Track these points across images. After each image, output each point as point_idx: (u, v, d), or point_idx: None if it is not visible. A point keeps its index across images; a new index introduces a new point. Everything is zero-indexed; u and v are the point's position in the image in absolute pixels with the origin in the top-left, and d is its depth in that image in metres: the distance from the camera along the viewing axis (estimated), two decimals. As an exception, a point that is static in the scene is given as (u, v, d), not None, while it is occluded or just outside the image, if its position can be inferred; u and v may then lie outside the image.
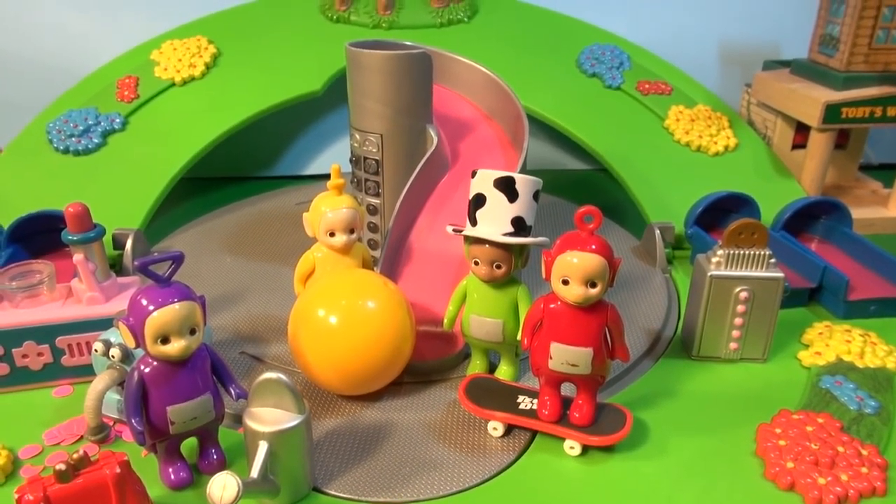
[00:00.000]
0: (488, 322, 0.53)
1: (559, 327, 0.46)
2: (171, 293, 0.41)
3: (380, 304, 0.51)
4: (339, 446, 0.49)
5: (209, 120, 0.83)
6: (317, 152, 1.03)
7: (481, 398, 0.51)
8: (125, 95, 0.84)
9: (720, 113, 0.89)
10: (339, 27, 0.92)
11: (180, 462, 0.45)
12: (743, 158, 0.86)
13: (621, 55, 0.93)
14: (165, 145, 0.81)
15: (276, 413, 0.42)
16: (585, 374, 0.46)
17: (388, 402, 0.54)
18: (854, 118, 0.80)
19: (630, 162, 0.83)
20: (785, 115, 0.87)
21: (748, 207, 0.76)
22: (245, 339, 0.61)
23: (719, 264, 0.56)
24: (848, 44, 0.79)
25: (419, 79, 0.63)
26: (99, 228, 0.55)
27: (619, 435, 0.47)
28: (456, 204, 0.65)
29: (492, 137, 0.72)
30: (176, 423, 0.42)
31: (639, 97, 0.89)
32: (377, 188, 0.66)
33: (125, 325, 0.40)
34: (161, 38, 0.91)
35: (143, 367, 0.41)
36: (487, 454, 0.48)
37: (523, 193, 0.50)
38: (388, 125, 0.64)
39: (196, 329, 0.41)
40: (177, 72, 0.86)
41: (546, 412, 0.48)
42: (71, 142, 0.79)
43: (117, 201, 0.76)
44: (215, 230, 0.83)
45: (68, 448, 0.48)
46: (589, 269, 0.43)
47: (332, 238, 0.56)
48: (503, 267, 0.51)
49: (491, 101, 0.74)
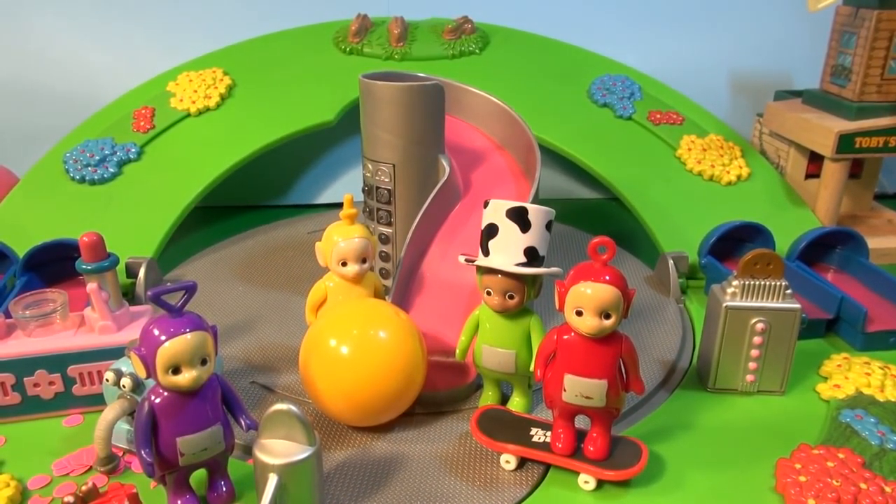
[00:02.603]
0: (501, 353, 0.52)
1: (573, 359, 0.45)
2: (183, 323, 0.40)
3: (391, 334, 0.51)
4: (349, 479, 0.48)
5: (223, 150, 0.84)
6: (329, 181, 1.03)
7: (494, 430, 0.50)
8: (141, 126, 0.85)
9: (732, 142, 0.89)
10: (353, 59, 0.94)
11: (189, 494, 0.44)
12: (756, 188, 0.85)
13: (632, 85, 0.93)
14: (180, 175, 0.82)
15: (287, 445, 0.42)
16: (600, 406, 0.46)
17: (399, 433, 0.53)
18: (868, 148, 0.79)
19: (642, 191, 0.83)
20: (798, 145, 0.87)
21: (762, 237, 0.75)
22: (256, 369, 0.61)
23: (735, 295, 0.56)
24: (860, 74, 0.79)
25: (431, 109, 0.63)
26: (113, 258, 0.55)
27: (634, 469, 0.46)
28: (468, 233, 0.64)
29: (504, 167, 0.72)
30: (185, 454, 0.42)
31: (650, 127, 0.90)
32: (389, 217, 0.66)
33: (136, 355, 0.40)
34: (177, 70, 0.92)
35: (154, 398, 0.41)
36: (500, 488, 0.47)
37: (536, 223, 0.50)
38: (401, 155, 0.64)
39: (207, 359, 0.41)
40: (192, 102, 0.87)
41: (560, 445, 0.48)
42: (87, 171, 0.80)
43: (131, 230, 0.76)
44: (228, 259, 0.83)
45: (77, 479, 0.47)
46: (603, 301, 0.43)
47: (344, 267, 0.56)
48: (516, 297, 0.50)
49: (503, 131, 0.74)
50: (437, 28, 0.96)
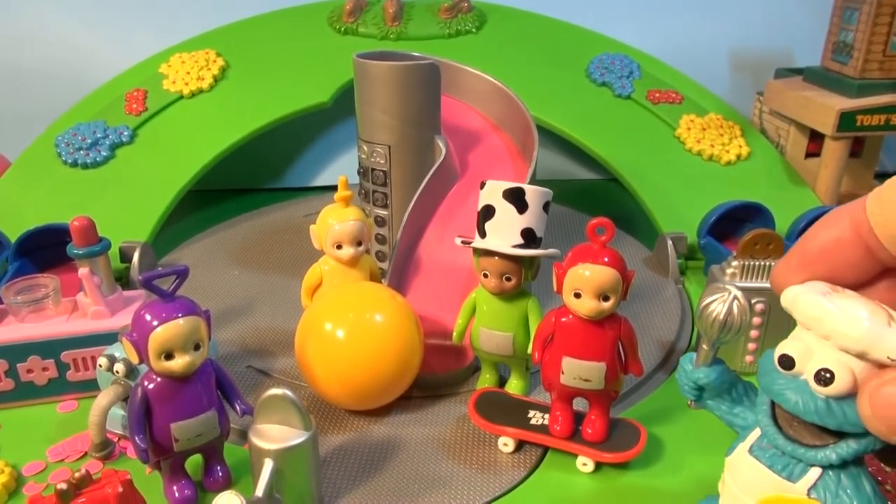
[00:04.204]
0: (498, 335, 0.52)
1: (571, 341, 0.45)
2: (176, 308, 0.40)
3: (388, 317, 0.51)
4: (346, 463, 0.48)
5: (217, 132, 0.83)
6: (325, 164, 1.02)
7: (491, 413, 0.50)
8: (133, 108, 0.84)
9: (732, 121, 0.88)
10: (347, 39, 0.92)
11: (185, 479, 0.44)
12: (756, 167, 0.85)
13: (631, 64, 0.92)
14: (173, 158, 0.81)
15: (282, 430, 0.41)
16: (598, 388, 0.45)
17: (396, 416, 0.53)
18: (869, 126, 0.78)
19: (641, 171, 0.82)
20: (798, 124, 0.86)
21: (762, 217, 0.74)
22: (252, 353, 0.61)
23: (734, 275, 0.55)
24: (862, 51, 0.78)
25: (427, 89, 0.62)
26: (104, 242, 0.54)
27: (633, 451, 0.46)
28: (465, 215, 0.64)
29: (501, 148, 0.71)
30: (180, 439, 0.42)
31: (649, 106, 0.89)
32: (385, 200, 0.66)
33: (128, 340, 0.40)
34: (169, 52, 0.91)
35: (147, 384, 0.41)
36: (498, 471, 0.47)
37: (533, 204, 0.49)
38: (396, 136, 0.63)
39: (200, 344, 0.41)
40: (185, 84, 0.86)
41: (558, 428, 0.47)
42: (79, 155, 0.79)
43: (125, 214, 0.76)
44: (223, 242, 0.82)
45: (72, 465, 0.47)
46: (602, 283, 0.43)
47: (340, 251, 0.55)
48: (513, 279, 0.50)
49: (499, 111, 0.73)
50: (433, 7, 0.95)
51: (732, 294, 0.35)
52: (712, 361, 0.37)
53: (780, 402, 0.33)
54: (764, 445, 0.36)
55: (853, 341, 0.30)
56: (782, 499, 0.34)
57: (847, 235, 0.33)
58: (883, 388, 0.30)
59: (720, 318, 0.35)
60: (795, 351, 0.33)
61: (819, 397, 0.32)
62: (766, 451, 0.35)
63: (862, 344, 0.30)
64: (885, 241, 0.32)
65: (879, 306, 0.32)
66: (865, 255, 0.33)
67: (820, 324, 0.32)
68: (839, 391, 0.31)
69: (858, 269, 0.33)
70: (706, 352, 0.37)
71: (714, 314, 0.35)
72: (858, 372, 0.31)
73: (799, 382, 0.33)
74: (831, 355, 0.32)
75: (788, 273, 0.34)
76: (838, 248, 0.33)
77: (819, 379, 0.32)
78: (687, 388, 0.38)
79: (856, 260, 0.33)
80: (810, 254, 0.34)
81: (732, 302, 0.35)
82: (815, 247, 0.34)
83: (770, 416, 0.35)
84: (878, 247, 0.32)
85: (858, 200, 0.33)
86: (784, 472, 0.34)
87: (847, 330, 0.31)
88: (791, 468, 0.34)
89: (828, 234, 0.34)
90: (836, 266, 0.33)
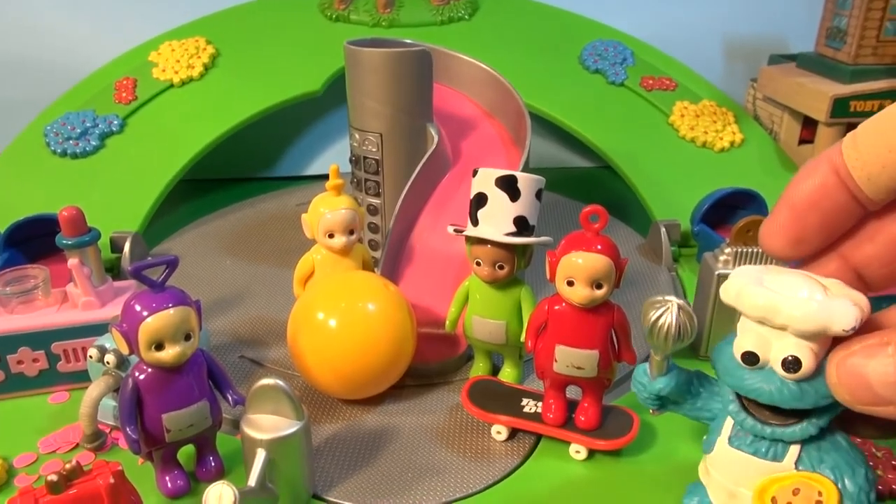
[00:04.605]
0: (491, 323, 0.51)
1: (564, 329, 0.45)
2: (166, 298, 0.40)
3: (380, 306, 0.50)
4: (339, 452, 0.48)
5: (208, 121, 0.82)
6: (317, 152, 1.02)
7: (485, 401, 0.49)
8: (123, 97, 0.83)
9: (725, 108, 0.88)
10: (339, 26, 0.91)
11: (177, 470, 0.44)
12: (749, 154, 0.84)
13: (625, 51, 0.92)
14: (164, 147, 0.80)
15: (274, 420, 0.41)
16: (591, 376, 0.45)
17: (389, 405, 0.53)
18: (862, 112, 0.78)
19: (634, 159, 0.82)
20: (792, 110, 0.85)
21: (755, 204, 0.74)
22: (244, 343, 0.60)
23: (727, 262, 0.55)
24: (856, 36, 0.78)
25: (419, 77, 0.62)
26: (94, 232, 0.54)
27: (626, 439, 0.46)
28: (458, 203, 0.63)
29: (493, 135, 0.70)
30: (172, 430, 0.41)
31: (643, 93, 0.88)
32: (377, 188, 0.65)
33: (118, 331, 0.39)
34: (159, 39, 0.90)
35: (138, 374, 0.40)
36: (491, 459, 0.47)
37: (525, 192, 0.49)
38: (388, 124, 0.63)
39: (191, 334, 0.40)
40: (175, 73, 0.85)
41: (551, 416, 0.47)
42: (69, 144, 0.78)
43: (116, 204, 0.75)
44: (215, 232, 0.82)
45: (64, 456, 0.47)
46: (595, 270, 0.42)
47: (332, 240, 0.55)
48: (506, 267, 0.50)
49: (492, 98, 0.73)
50: (426, -7, 0.94)
51: (676, 303, 0.35)
52: (667, 369, 0.38)
53: (755, 397, 0.34)
54: (741, 434, 0.36)
55: (810, 324, 0.31)
56: (774, 479, 0.35)
57: (830, 179, 0.32)
58: (849, 359, 0.31)
59: (672, 331, 0.35)
60: (754, 345, 0.33)
61: (790, 383, 0.33)
62: (746, 440, 0.36)
63: (818, 325, 0.31)
64: (861, 182, 0.32)
65: (811, 278, 0.33)
66: (850, 198, 0.32)
67: (775, 314, 0.32)
68: (808, 373, 0.32)
69: (848, 213, 0.33)
70: (659, 362, 0.38)
71: (665, 327, 0.35)
72: (817, 349, 0.32)
73: (766, 373, 0.33)
74: (789, 341, 0.32)
75: (779, 231, 0.34)
76: (825, 194, 0.33)
77: (787, 367, 0.32)
78: (648, 401, 0.39)
79: (843, 203, 0.33)
80: (799, 205, 0.33)
81: (678, 311, 0.35)
82: (802, 196, 0.33)
83: (740, 407, 0.36)
84: (857, 189, 0.32)
85: (834, 146, 0.33)
86: (769, 455, 0.35)
87: (802, 315, 0.31)
88: (774, 449, 0.35)
89: (811, 182, 0.33)
90: (827, 212, 0.33)
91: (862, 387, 0.30)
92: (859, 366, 0.30)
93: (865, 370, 0.30)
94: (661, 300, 0.36)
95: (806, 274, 0.33)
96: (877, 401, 0.30)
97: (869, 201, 0.32)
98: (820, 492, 0.34)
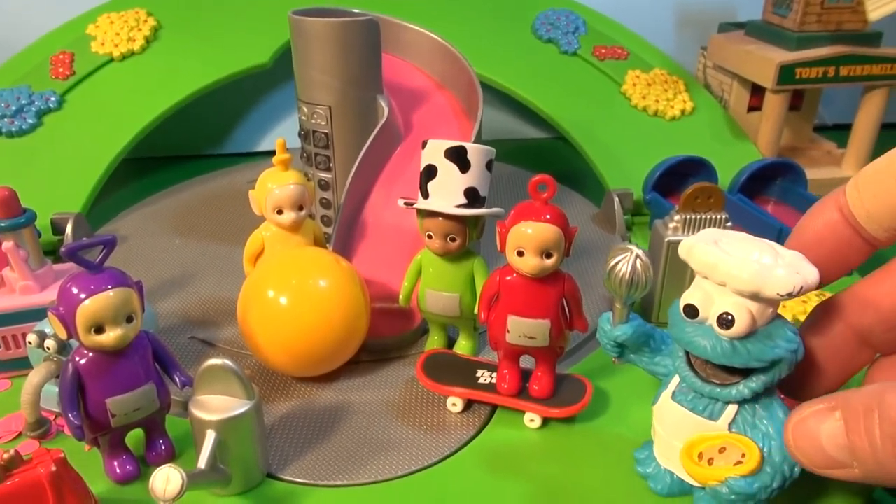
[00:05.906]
0: (444, 296, 0.51)
1: (516, 300, 0.45)
2: (104, 280, 0.38)
3: (332, 282, 0.50)
4: (293, 430, 0.47)
5: (151, 96, 0.79)
6: (268, 128, 0.99)
7: (440, 374, 0.49)
8: (60, 72, 0.80)
9: (676, 77, 0.89)
10: (286, -4, 0.89)
11: (126, 455, 0.43)
12: (700, 122, 0.85)
13: (577, 20, 0.91)
14: (106, 124, 0.77)
15: (224, 400, 0.40)
16: (544, 346, 0.46)
17: (344, 381, 0.52)
18: (808, 78, 0.79)
19: (588, 129, 0.82)
20: (741, 78, 0.86)
21: (706, 171, 0.75)
22: (195, 324, 0.59)
23: (676, 229, 0.56)
24: (801, 3, 0.79)
25: (367, 47, 0.61)
26: (29, 213, 0.52)
27: (578, 406, 0.47)
28: (410, 176, 0.63)
29: (445, 107, 0.70)
30: (117, 415, 0.40)
31: (595, 63, 0.88)
32: (328, 162, 0.64)
33: (55, 315, 0.38)
34: (96, 11, 0.86)
35: (78, 359, 0.39)
36: (447, 431, 0.47)
37: (475, 163, 0.48)
38: (337, 97, 0.61)
39: (133, 316, 0.39)
40: (115, 46, 0.82)
41: (505, 386, 0.48)
42: (3, 123, 0.75)
43: (56, 184, 0.72)
44: (163, 211, 0.80)
45: (6, 446, 0.45)
46: (544, 240, 0.42)
47: (281, 216, 0.54)
48: (457, 240, 0.49)
49: (443, 69, 0.72)
50: (374, -38, 0.92)
51: (635, 253, 0.37)
52: (628, 318, 0.39)
53: (690, 349, 0.36)
54: (684, 390, 0.38)
55: (745, 283, 0.33)
56: (704, 437, 0.37)
57: (836, 217, 0.37)
58: (802, 425, 0.33)
59: (626, 278, 0.37)
60: (697, 299, 0.35)
61: (724, 340, 0.34)
62: (687, 395, 0.38)
63: (753, 286, 0.33)
64: (861, 220, 0.36)
65: (767, 244, 0.35)
66: (854, 234, 0.37)
67: (715, 271, 0.34)
68: (740, 332, 0.34)
69: (853, 248, 0.37)
70: (620, 310, 0.39)
71: (620, 274, 0.37)
72: (756, 311, 0.34)
73: (705, 328, 0.35)
74: (729, 299, 0.34)
75: None
76: (831, 232, 0.37)
77: (721, 322, 0.34)
78: (609, 346, 0.41)
79: (847, 238, 0.37)
80: (808, 241, 0.38)
81: (635, 261, 0.37)
82: (811, 233, 0.38)
83: (686, 363, 0.38)
84: (859, 226, 0.36)
85: (840, 188, 0.37)
86: (705, 412, 0.37)
87: (739, 273, 0.33)
88: (711, 408, 0.37)
89: (819, 221, 0.38)
90: (833, 248, 0.37)
91: (815, 450, 0.32)
92: (812, 430, 0.32)
93: (818, 434, 0.32)
94: (623, 247, 0.37)
95: (766, 242, 0.35)
96: (831, 464, 0.32)
97: (871, 237, 0.36)
98: (743, 453, 0.35)
